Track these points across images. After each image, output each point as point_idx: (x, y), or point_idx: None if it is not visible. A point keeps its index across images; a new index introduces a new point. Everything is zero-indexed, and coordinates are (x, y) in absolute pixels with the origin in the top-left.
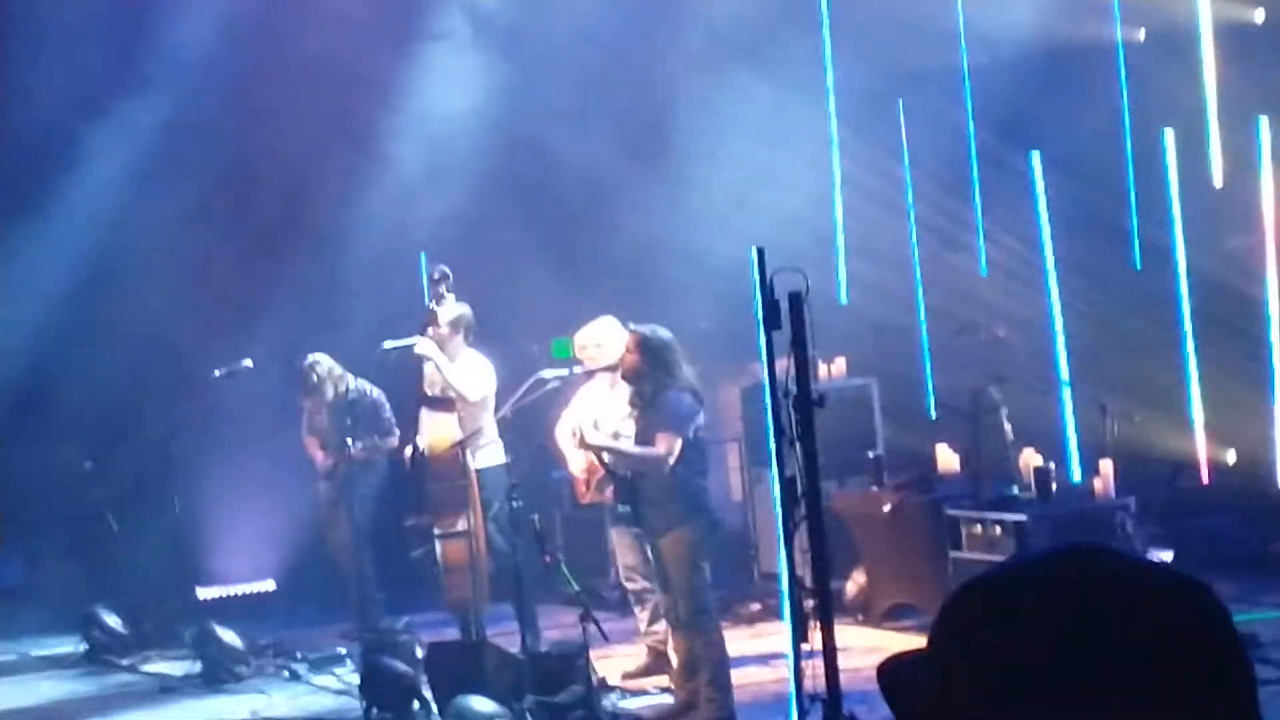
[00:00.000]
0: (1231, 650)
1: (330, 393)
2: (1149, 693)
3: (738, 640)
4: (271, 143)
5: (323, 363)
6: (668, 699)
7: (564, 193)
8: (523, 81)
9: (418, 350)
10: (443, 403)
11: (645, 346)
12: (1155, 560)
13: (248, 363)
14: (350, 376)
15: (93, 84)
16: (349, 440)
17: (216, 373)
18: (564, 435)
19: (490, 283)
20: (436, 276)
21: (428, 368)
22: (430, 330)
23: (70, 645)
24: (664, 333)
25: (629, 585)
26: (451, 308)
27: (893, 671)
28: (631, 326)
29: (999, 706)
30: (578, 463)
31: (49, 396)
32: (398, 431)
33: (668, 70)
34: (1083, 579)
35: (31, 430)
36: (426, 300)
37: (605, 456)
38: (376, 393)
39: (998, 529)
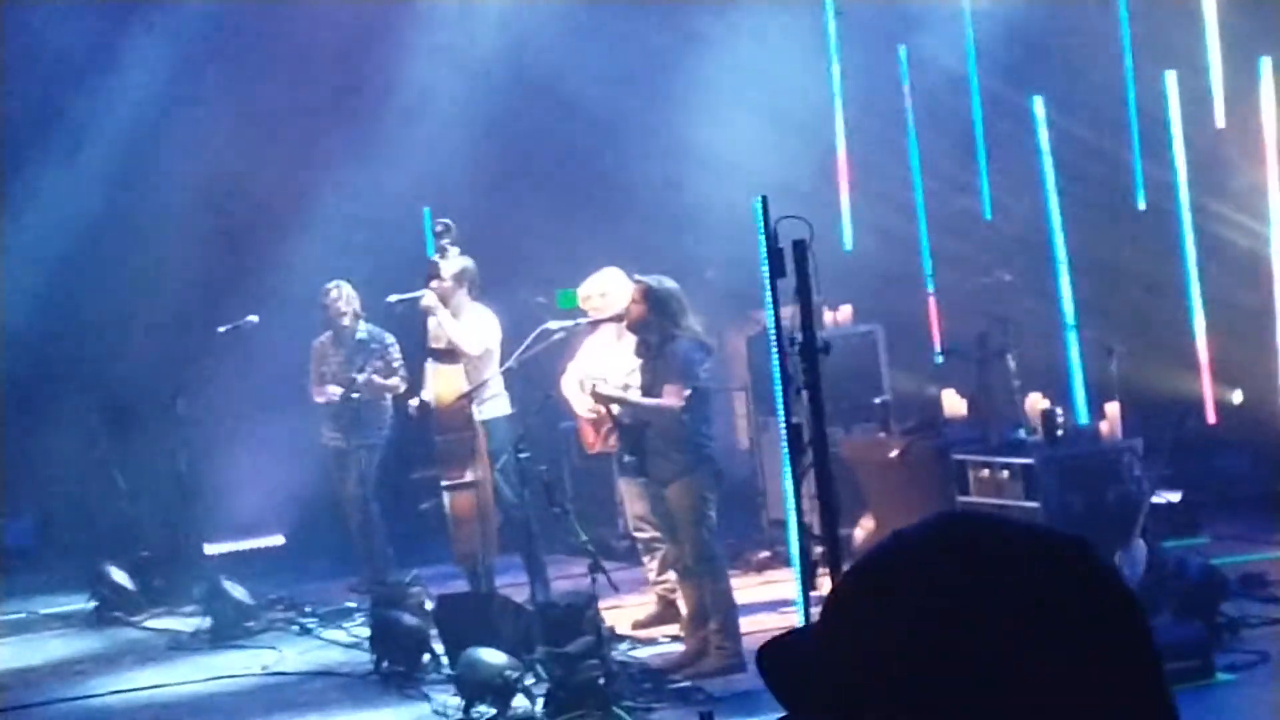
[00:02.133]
0: (1117, 607)
1: (348, 319)
2: (1034, 658)
3: (747, 587)
4: (277, 97)
5: (344, 287)
6: (678, 647)
7: (567, 143)
8: (526, 30)
9: (422, 304)
10: (448, 355)
11: (651, 297)
12: (1031, 522)
13: (253, 318)
14: (362, 320)
15: (101, 35)
16: (356, 375)
17: (221, 329)
18: (571, 386)
19: (495, 234)
20: (439, 229)
21: (431, 321)
22: (434, 283)
23: (79, 603)
24: (669, 283)
25: (638, 535)
26: (455, 261)
27: (774, 654)
28: (636, 277)
29: (884, 687)
30: (586, 413)
31: (56, 356)
32: (405, 374)
33: (671, 18)
34: (959, 549)
35: (39, 390)
36: (430, 253)
37: (614, 408)
38: (387, 336)
39: (1005, 473)
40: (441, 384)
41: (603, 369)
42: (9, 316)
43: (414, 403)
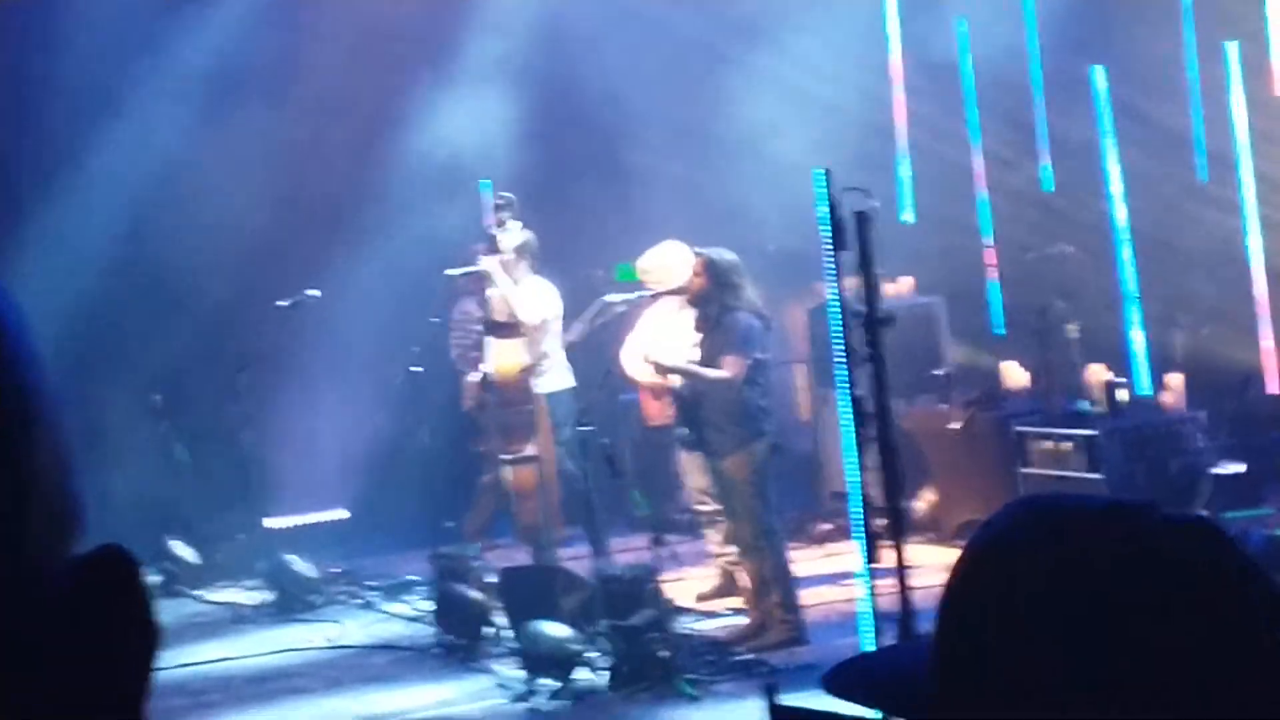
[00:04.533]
0: (1202, 560)
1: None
2: (1158, 628)
3: (809, 560)
4: (331, 69)
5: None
6: (740, 620)
7: (627, 116)
8: (585, 3)
9: (482, 269)
10: (509, 329)
11: (711, 269)
12: (1103, 496)
13: (314, 292)
14: None
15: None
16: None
17: (282, 303)
18: (630, 359)
19: (554, 208)
20: (500, 202)
21: (492, 293)
22: (493, 257)
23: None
24: (730, 255)
25: (699, 508)
26: (516, 234)
27: (852, 672)
28: (697, 250)
29: (1010, 678)
30: (647, 385)
31: (117, 330)
32: None
33: None
34: (1047, 536)
35: (100, 363)
36: (490, 226)
37: (673, 379)
38: None
39: (1068, 445)
40: (502, 357)
41: (663, 342)
42: (72, 289)
43: (474, 378)
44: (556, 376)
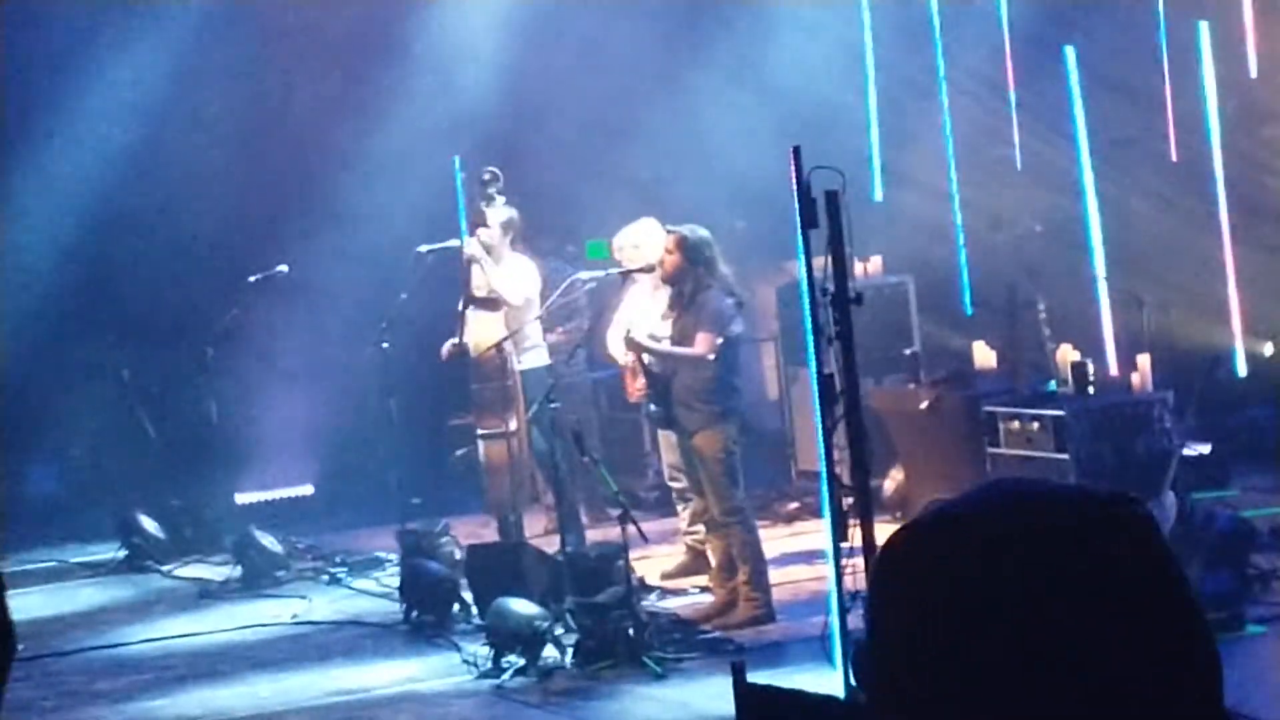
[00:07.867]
0: (1159, 566)
1: None
2: (1075, 619)
3: (777, 539)
4: (307, 46)
5: None
6: (707, 598)
7: (598, 92)
8: None
9: (466, 253)
10: (489, 303)
11: (685, 246)
12: (1069, 484)
13: (283, 268)
14: None
15: None
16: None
17: (251, 279)
18: (615, 340)
19: (527, 185)
20: (487, 178)
21: (474, 269)
22: (479, 231)
23: (110, 552)
24: (703, 232)
25: (673, 484)
26: (501, 210)
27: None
28: (669, 227)
29: (931, 661)
30: (627, 364)
31: (86, 305)
32: None
33: None
34: (1003, 514)
35: (68, 338)
36: (470, 201)
37: (646, 357)
38: None
39: (1035, 425)
40: (480, 332)
41: (644, 320)
42: (40, 265)
43: (452, 343)
44: (533, 353)
